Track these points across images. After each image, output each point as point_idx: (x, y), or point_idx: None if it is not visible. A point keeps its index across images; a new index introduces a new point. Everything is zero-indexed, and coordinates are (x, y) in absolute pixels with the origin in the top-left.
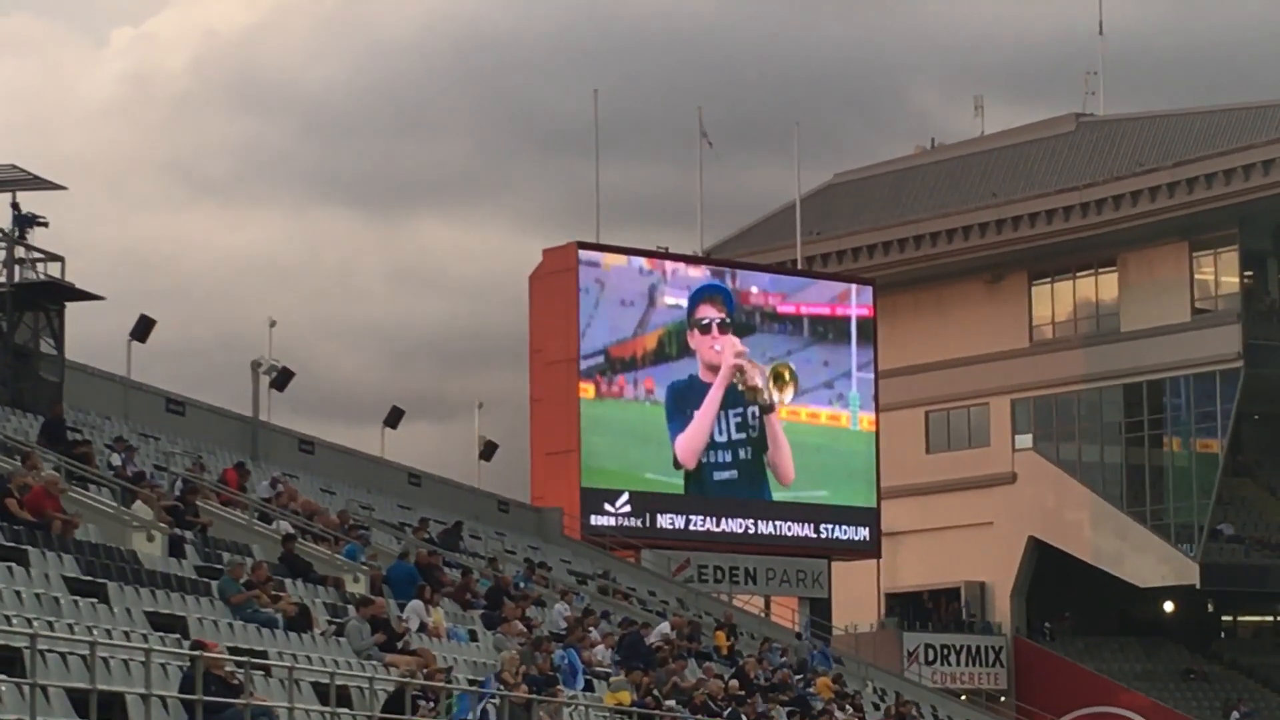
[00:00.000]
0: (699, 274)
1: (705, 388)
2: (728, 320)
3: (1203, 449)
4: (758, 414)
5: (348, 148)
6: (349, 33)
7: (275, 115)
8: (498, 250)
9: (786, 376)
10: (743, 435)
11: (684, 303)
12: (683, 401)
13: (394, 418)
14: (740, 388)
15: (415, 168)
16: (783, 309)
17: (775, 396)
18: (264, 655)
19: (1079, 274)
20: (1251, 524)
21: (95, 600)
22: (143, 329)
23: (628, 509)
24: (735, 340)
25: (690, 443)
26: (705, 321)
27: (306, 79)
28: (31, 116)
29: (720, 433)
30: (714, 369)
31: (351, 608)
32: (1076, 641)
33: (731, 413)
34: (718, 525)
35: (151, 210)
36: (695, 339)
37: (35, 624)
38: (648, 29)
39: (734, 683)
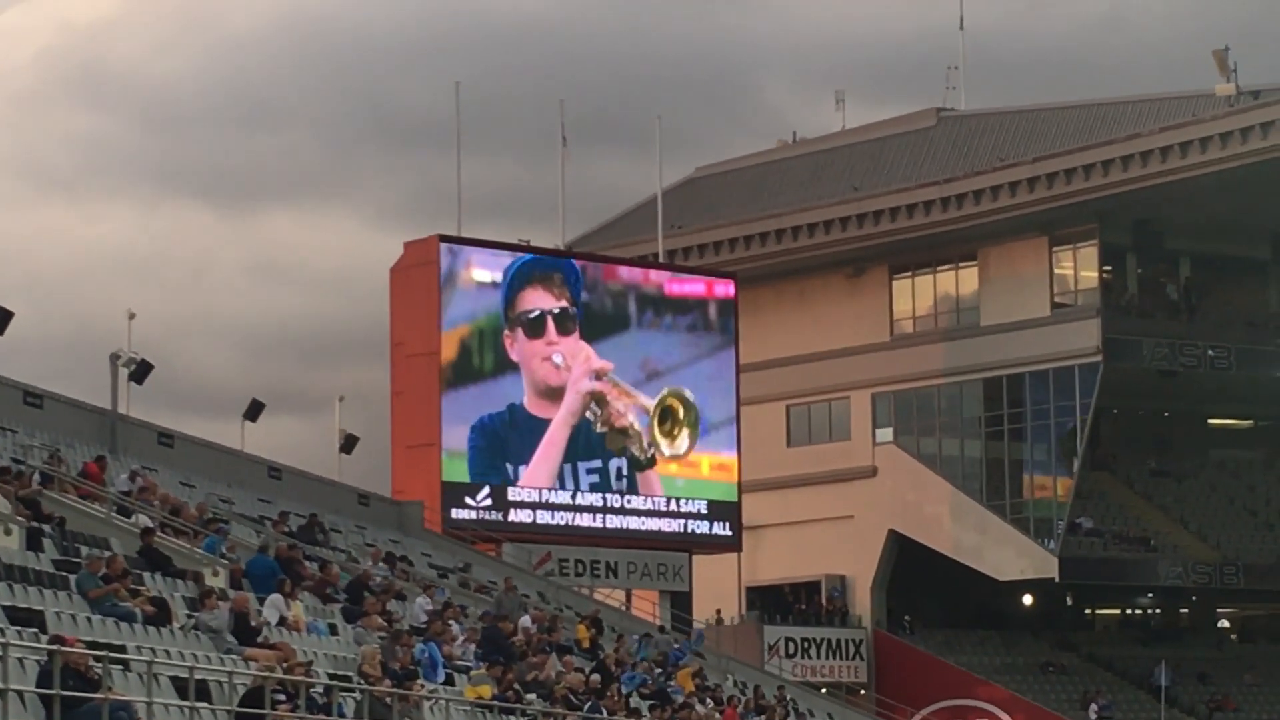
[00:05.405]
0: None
1: (538, 427)
2: (572, 312)
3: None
4: (626, 470)
5: (197, 142)
6: (197, 25)
7: (121, 110)
8: (357, 244)
9: (680, 413)
10: (598, 499)
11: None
12: (497, 451)
13: (254, 411)
14: (600, 428)
15: (268, 162)
16: (664, 288)
17: (661, 445)
18: (123, 650)
19: (939, 268)
20: (1110, 517)
21: None
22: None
23: (488, 503)
24: (589, 349)
25: None
26: (534, 315)
27: (152, 72)
28: None
29: (562, 492)
30: (551, 395)
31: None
32: (936, 634)
33: (584, 467)
34: (579, 519)
35: (2, 205)
36: (518, 345)
37: None
38: (505, 21)
39: (595, 676)
